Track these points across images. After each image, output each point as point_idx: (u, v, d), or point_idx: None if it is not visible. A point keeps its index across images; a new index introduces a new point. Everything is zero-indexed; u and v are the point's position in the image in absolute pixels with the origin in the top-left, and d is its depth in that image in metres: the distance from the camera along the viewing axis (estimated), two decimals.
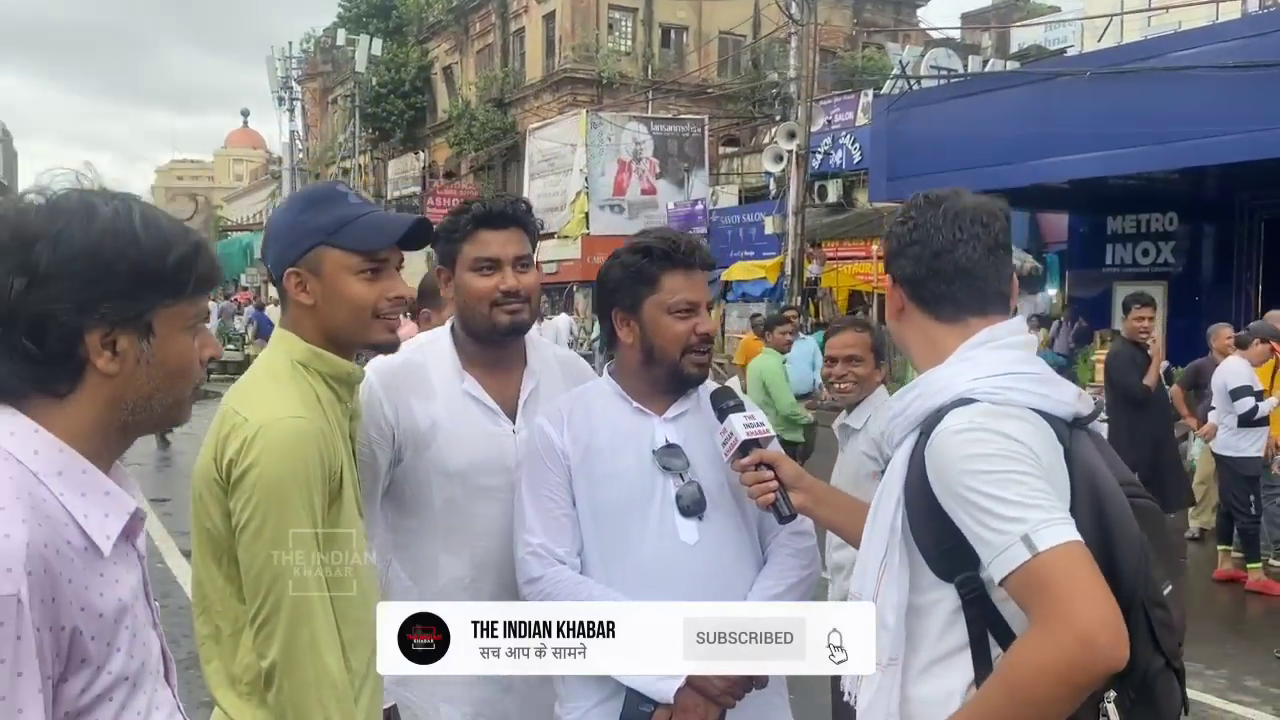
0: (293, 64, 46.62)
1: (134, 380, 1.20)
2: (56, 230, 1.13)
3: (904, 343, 1.73)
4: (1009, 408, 1.49)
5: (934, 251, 1.62)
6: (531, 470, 2.04)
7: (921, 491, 1.52)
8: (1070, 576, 1.35)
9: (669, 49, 32.91)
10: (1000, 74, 17.09)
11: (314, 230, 1.78)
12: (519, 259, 2.11)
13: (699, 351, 2.01)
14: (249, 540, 1.64)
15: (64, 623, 1.09)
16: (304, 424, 1.68)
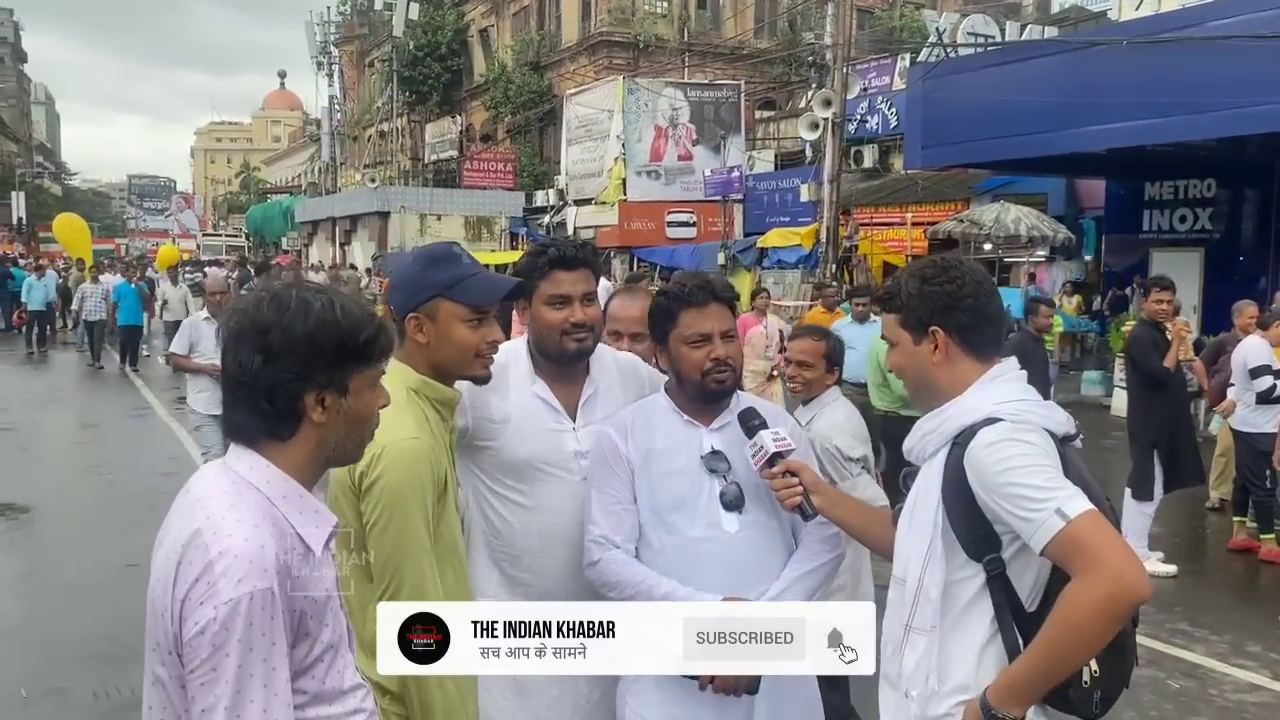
0: (330, 28, 46.97)
1: (335, 427, 1.59)
2: (284, 321, 1.53)
3: (932, 381, 2.05)
4: (1027, 425, 1.90)
5: (982, 305, 2.04)
6: (598, 472, 2.40)
7: (959, 491, 1.90)
8: (1099, 534, 1.76)
9: (705, 10, 32.75)
10: (1036, 42, 16.99)
11: (434, 284, 2.17)
12: (586, 295, 2.46)
13: (718, 373, 2.35)
14: (377, 535, 2.02)
15: (295, 607, 1.49)
16: (419, 444, 2.07)
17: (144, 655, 1.54)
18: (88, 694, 4.53)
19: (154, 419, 12.31)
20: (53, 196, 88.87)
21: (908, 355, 2.08)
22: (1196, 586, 6.49)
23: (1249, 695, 4.84)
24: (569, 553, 2.40)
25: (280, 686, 1.45)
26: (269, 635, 1.44)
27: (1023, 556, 1.88)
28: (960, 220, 15.57)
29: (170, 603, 1.45)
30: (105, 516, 7.89)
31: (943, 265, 2.09)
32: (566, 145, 29.53)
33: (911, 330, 2.06)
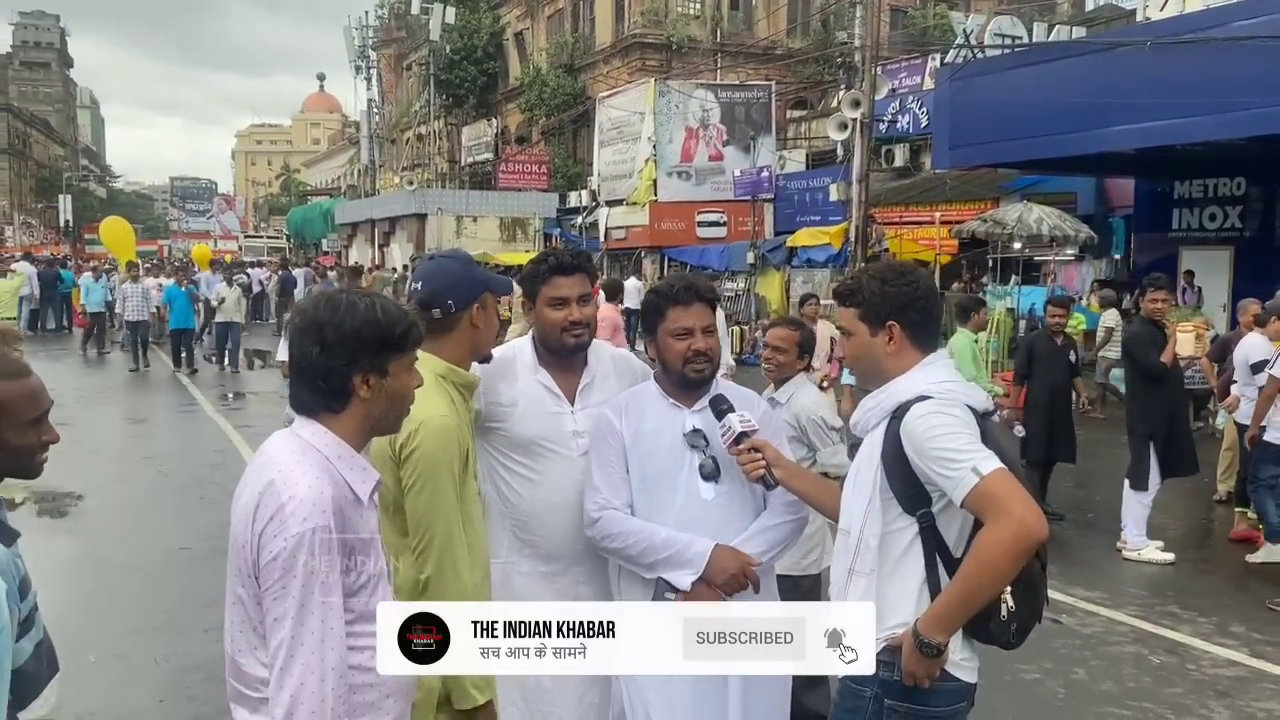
0: (369, 32, 47.62)
1: (378, 402, 1.97)
2: (336, 318, 1.93)
3: (883, 368, 2.42)
4: (952, 401, 2.29)
5: (930, 305, 2.45)
6: (598, 446, 2.77)
7: (896, 456, 2.28)
8: (1006, 488, 2.13)
9: (738, 11, 32.96)
10: (1062, 43, 17.11)
11: (482, 282, 2.64)
12: (582, 297, 2.83)
13: (697, 362, 2.71)
14: (413, 496, 2.38)
15: (346, 542, 1.88)
16: (449, 421, 2.45)
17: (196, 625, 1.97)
18: (148, 659, 4.94)
19: (201, 415, 12.80)
20: (98, 199, 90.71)
21: (864, 345, 2.44)
22: (1193, 573, 6.71)
23: (1225, 670, 5.09)
24: (569, 518, 2.76)
25: (335, 602, 1.83)
26: (327, 561, 1.83)
27: (949, 510, 2.22)
28: (984, 220, 15.74)
29: (250, 537, 1.84)
30: (158, 504, 8.37)
31: (900, 269, 2.49)
32: (599, 147, 29.90)
33: (869, 323, 2.43)
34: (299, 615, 1.79)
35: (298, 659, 1.78)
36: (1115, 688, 4.81)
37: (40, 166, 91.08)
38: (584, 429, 2.81)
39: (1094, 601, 5.99)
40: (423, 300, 2.56)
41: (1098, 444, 9.90)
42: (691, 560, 2.59)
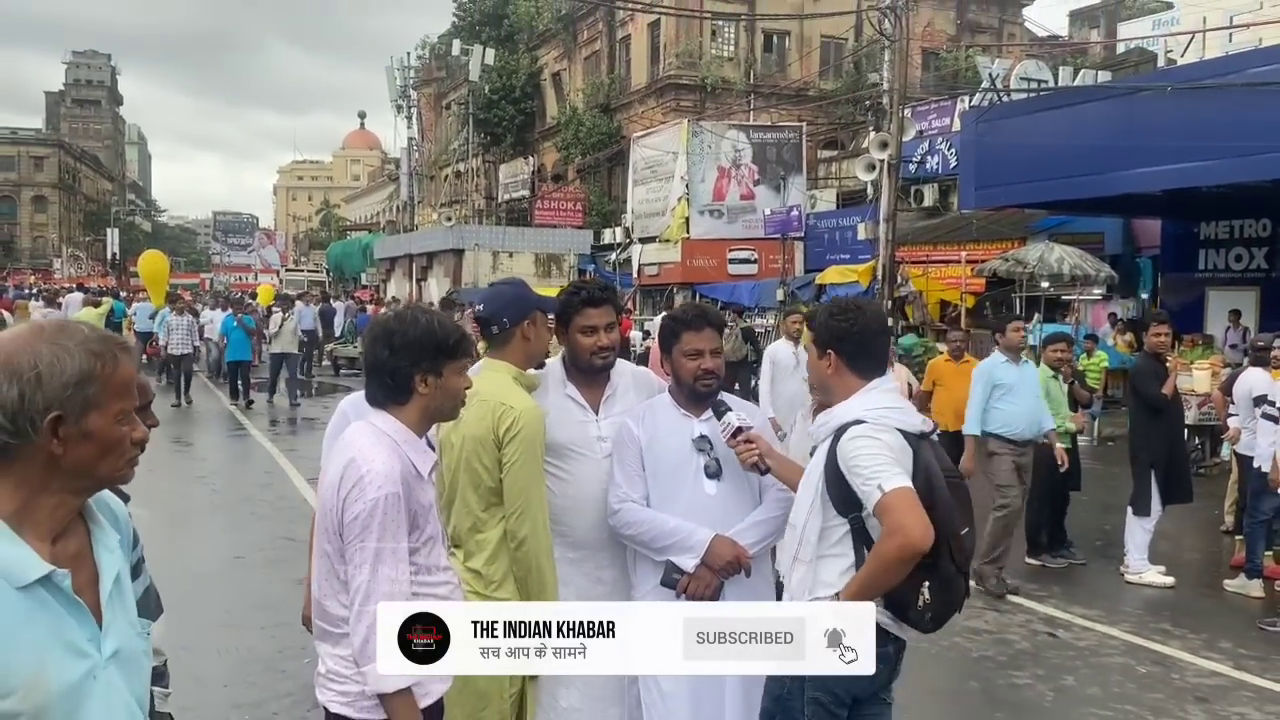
0: (410, 74, 48.78)
1: (434, 398, 2.43)
2: (402, 330, 2.41)
3: (828, 386, 2.89)
4: (882, 425, 2.69)
5: (866, 340, 2.85)
6: (619, 448, 3.22)
7: (834, 469, 2.72)
8: (900, 504, 2.53)
9: (771, 54, 33.61)
10: (1085, 88, 17.48)
11: (535, 303, 3.15)
12: (608, 325, 3.30)
13: (705, 380, 3.16)
14: (516, 469, 2.93)
15: (411, 508, 2.31)
16: (539, 410, 3.03)
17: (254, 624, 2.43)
18: (213, 651, 5.38)
19: (251, 440, 13.34)
20: (143, 232, 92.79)
21: (814, 364, 2.94)
22: (1190, 596, 7.00)
23: (1208, 679, 5.40)
24: (594, 511, 3.21)
25: (402, 555, 2.29)
26: (396, 522, 2.27)
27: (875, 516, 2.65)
28: (1006, 259, 16.09)
29: (336, 502, 2.30)
30: (213, 518, 8.89)
31: (844, 306, 2.94)
32: (633, 185, 30.55)
33: (818, 348, 2.89)
34: (375, 563, 2.23)
35: (373, 598, 2.21)
36: (1101, 692, 5.15)
37: (89, 201, 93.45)
38: (607, 435, 3.26)
39: (1090, 618, 6.31)
40: (483, 318, 3.10)
41: (1114, 476, 10.18)
42: (694, 546, 3.02)
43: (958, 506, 2.68)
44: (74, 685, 1.49)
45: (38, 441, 1.49)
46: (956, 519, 2.65)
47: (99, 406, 1.55)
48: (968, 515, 2.74)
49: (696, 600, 3.02)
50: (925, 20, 32.33)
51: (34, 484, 1.52)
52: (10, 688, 1.43)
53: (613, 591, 3.22)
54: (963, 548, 2.68)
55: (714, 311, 3.41)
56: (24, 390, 1.49)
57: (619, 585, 3.23)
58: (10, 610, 1.44)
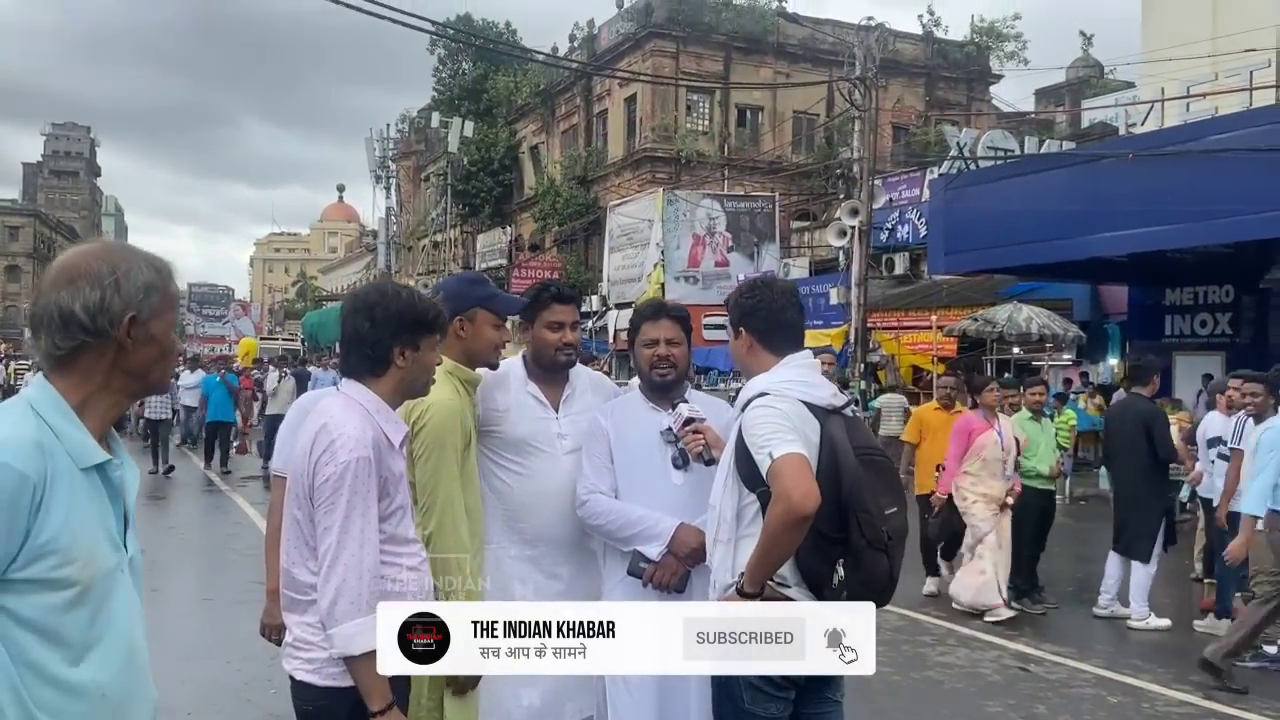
0: (389, 145, 49.38)
1: (410, 371, 2.46)
2: (384, 303, 2.43)
3: (746, 365, 2.89)
4: (784, 397, 2.66)
5: (774, 315, 2.84)
6: (589, 441, 3.27)
7: (739, 443, 2.68)
8: (786, 470, 2.48)
9: (745, 128, 34.25)
10: (1050, 155, 17.94)
11: (475, 298, 3.10)
12: (574, 323, 3.36)
13: (660, 368, 3.22)
14: (421, 464, 2.86)
15: (381, 474, 2.32)
16: (452, 403, 2.96)
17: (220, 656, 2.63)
18: (178, 681, 5.29)
19: (220, 494, 13.25)
20: None
21: (733, 345, 2.95)
22: (1161, 636, 7.04)
23: (1176, 709, 5.44)
24: (553, 507, 3.22)
25: (371, 519, 2.30)
26: (366, 486, 2.29)
27: None
28: (975, 319, 16.34)
29: (307, 466, 2.33)
30: (184, 565, 8.79)
31: (752, 284, 2.97)
32: (608, 252, 30.86)
33: (733, 328, 2.92)
34: (344, 525, 2.25)
35: (341, 559, 2.23)
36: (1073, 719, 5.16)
37: None
38: (567, 432, 3.29)
39: (1061, 654, 6.35)
40: None
41: (1087, 530, 10.27)
42: (660, 534, 3.06)
43: (879, 484, 2.63)
44: (110, 571, 1.65)
45: (111, 339, 1.66)
46: (867, 494, 2.56)
47: (161, 314, 1.73)
48: (894, 495, 2.68)
49: (662, 588, 3.06)
50: (895, 96, 33.14)
51: (96, 382, 1.68)
52: (74, 555, 1.57)
53: (569, 588, 3.24)
54: (874, 523, 2.55)
55: (674, 305, 3.48)
56: (104, 293, 1.65)
57: (575, 581, 3.25)
58: (79, 487, 1.60)
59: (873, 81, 17.78)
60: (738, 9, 33.50)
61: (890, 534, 2.59)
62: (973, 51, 36.56)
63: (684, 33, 32.71)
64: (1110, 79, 33.34)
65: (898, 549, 2.64)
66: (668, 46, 32.71)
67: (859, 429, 2.78)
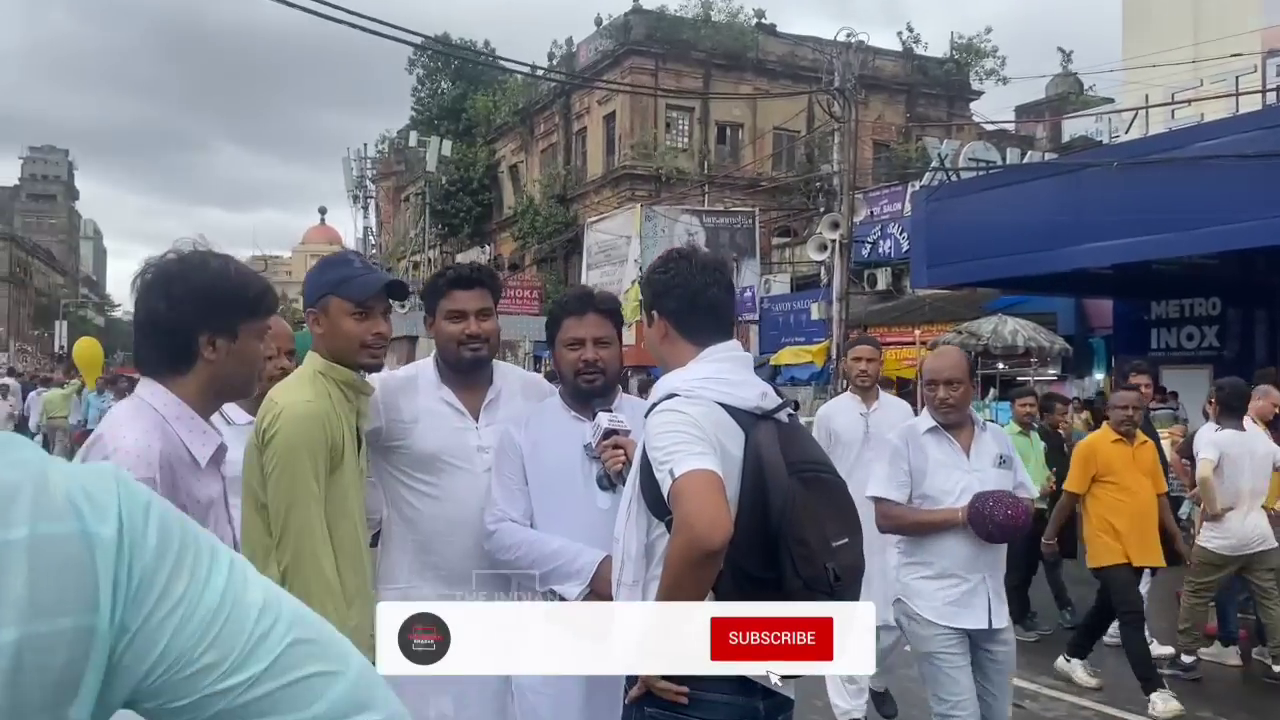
0: (367, 164, 49.01)
1: (225, 366, 1.92)
2: (185, 276, 1.87)
3: (663, 359, 2.37)
4: (697, 399, 2.14)
5: (693, 292, 2.29)
6: (498, 459, 2.76)
7: (644, 459, 2.16)
8: (687, 491, 1.97)
9: (724, 145, 34.01)
10: (1033, 165, 17.67)
11: (325, 283, 2.57)
12: (481, 311, 2.83)
13: (587, 374, 2.72)
14: (273, 483, 2.36)
15: (177, 501, 1.74)
16: (312, 406, 2.42)
17: None
18: None
19: None
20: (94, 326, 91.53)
21: (646, 335, 2.41)
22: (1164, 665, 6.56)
23: None
24: (473, 536, 2.72)
25: None
26: None
27: None
28: (959, 332, 15.96)
29: None
30: None
31: (668, 256, 2.42)
32: (586, 269, 30.45)
33: (645, 311, 2.40)
34: None
35: None
36: None
37: (40, 295, 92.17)
38: (489, 444, 2.80)
39: (1058, 689, 5.89)
40: None
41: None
42: (579, 571, 2.56)
43: (822, 508, 2.10)
44: None
45: None
46: (805, 521, 2.05)
47: None
48: (843, 522, 2.16)
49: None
50: (875, 113, 32.93)
51: None
52: None
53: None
54: (813, 559, 2.02)
55: (604, 294, 2.96)
56: None
57: None
58: None
59: (852, 93, 17.44)
60: (716, 26, 33.26)
61: (837, 572, 2.06)
62: (952, 69, 36.46)
63: (663, 50, 32.48)
64: (1089, 95, 33.27)
65: (848, 591, 2.09)
66: (646, 64, 32.49)
67: (797, 438, 2.24)
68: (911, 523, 3.85)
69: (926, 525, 3.80)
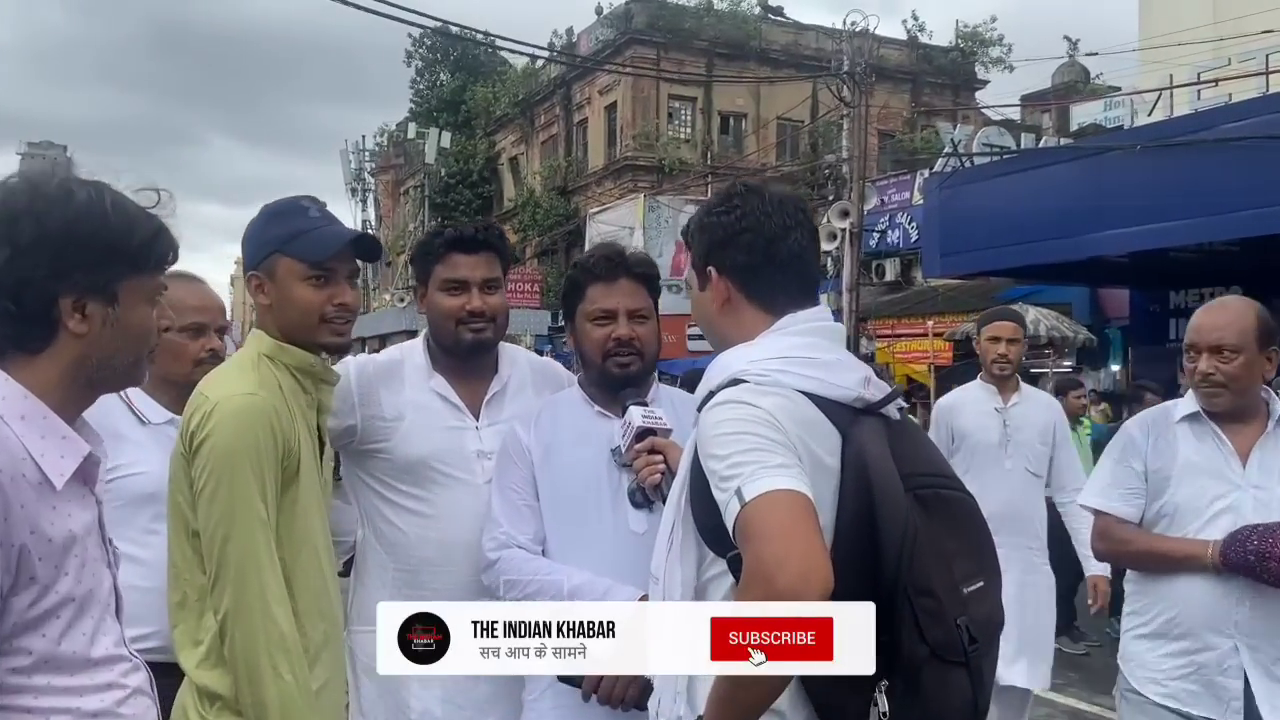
0: (365, 157, 48.57)
1: (99, 341, 1.39)
2: (38, 209, 1.33)
3: (721, 336, 1.74)
4: (772, 387, 1.54)
5: (769, 239, 1.68)
6: (500, 468, 2.22)
7: (695, 469, 1.59)
8: (763, 524, 1.38)
9: (728, 135, 33.53)
10: (1051, 149, 17.19)
11: (272, 239, 2.01)
12: (487, 281, 2.30)
13: (620, 356, 2.17)
14: (205, 503, 1.82)
15: (13, 540, 1.26)
16: (256, 400, 1.87)
17: None
18: None
19: None
20: None
21: (696, 304, 1.79)
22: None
23: None
24: (470, 564, 2.19)
25: None
26: None
27: None
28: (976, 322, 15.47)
29: None
30: None
31: (731, 191, 1.77)
32: None
33: (698, 273, 1.77)
34: None
35: None
36: None
37: None
38: (491, 449, 2.28)
39: None
40: None
41: None
42: None
43: (950, 539, 1.51)
44: None
45: None
46: (930, 561, 1.47)
47: None
48: (976, 558, 1.57)
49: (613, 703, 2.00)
50: (880, 102, 32.44)
51: None
52: None
53: (498, 688, 2.20)
54: (943, 615, 1.46)
55: (638, 254, 2.36)
56: None
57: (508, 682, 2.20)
58: None
59: (862, 77, 16.94)
60: (719, 14, 32.77)
61: (971, 631, 1.49)
62: (958, 57, 35.99)
63: (665, 39, 32.01)
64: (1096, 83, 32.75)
65: (986, 656, 1.53)
66: (648, 53, 32.02)
67: (911, 441, 1.63)
68: (1139, 551, 2.76)
69: (1159, 558, 2.69)
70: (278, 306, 2.01)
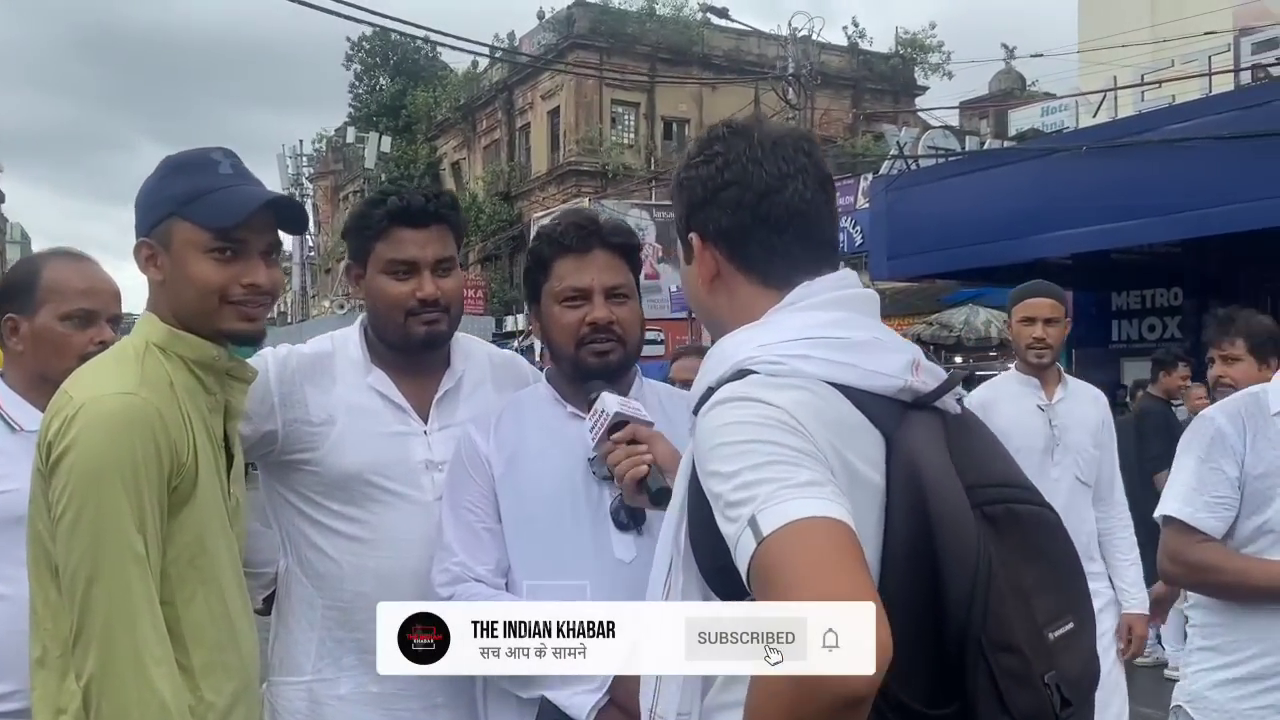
0: (304, 162, 47.78)
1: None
2: None
3: (712, 317, 1.38)
4: (789, 378, 1.17)
5: (759, 193, 1.29)
6: (453, 482, 1.87)
7: (694, 491, 1.22)
8: (789, 565, 1.02)
9: (671, 140, 33.49)
10: (997, 151, 17.31)
11: (168, 199, 1.63)
12: (440, 261, 1.93)
13: (596, 341, 1.81)
14: (65, 533, 1.44)
15: None
16: (135, 401, 1.49)
17: None
18: None
19: None
20: None
21: (685, 281, 1.43)
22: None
23: None
24: (415, 594, 1.81)
25: None
26: None
27: None
28: (930, 323, 15.49)
29: None
30: None
31: (711, 136, 1.38)
32: None
33: (682, 241, 1.41)
34: None
35: None
36: None
37: None
38: (442, 458, 1.91)
39: None
40: None
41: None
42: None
43: (1030, 571, 1.15)
44: None
45: None
46: (1010, 602, 1.11)
47: None
48: (1063, 594, 1.21)
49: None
50: (821, 108, 32.61)
51: None
52: None
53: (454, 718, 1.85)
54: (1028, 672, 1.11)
55: (614, 223, 1.98)
56: None
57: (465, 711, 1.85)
58: None
59: (808, 79, 16.89)
60: (661, 20, 32.73)
61: (1064, 691, 1.13)
62: (898, 63, 36.36)
63: (607, 43, 31.90)
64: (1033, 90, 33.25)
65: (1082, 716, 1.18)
66: (591, 58, 31.92)
67: (974, 442, 1.26)
68: (1232, 582, 2.22)
69: (1252, 587, 2.18)
70: (172, 284, 1.62)
